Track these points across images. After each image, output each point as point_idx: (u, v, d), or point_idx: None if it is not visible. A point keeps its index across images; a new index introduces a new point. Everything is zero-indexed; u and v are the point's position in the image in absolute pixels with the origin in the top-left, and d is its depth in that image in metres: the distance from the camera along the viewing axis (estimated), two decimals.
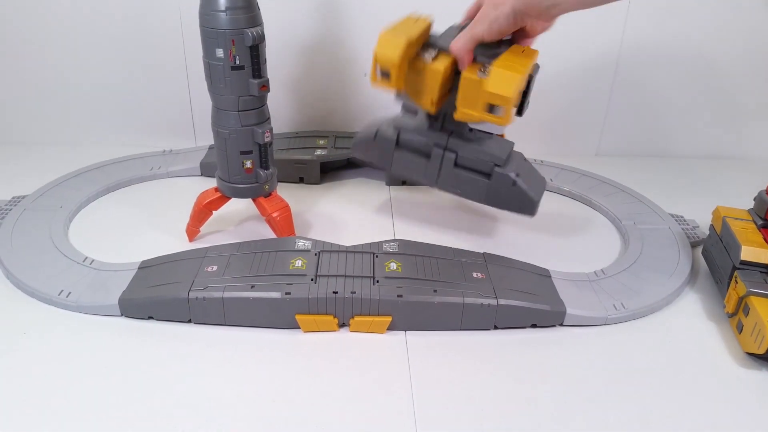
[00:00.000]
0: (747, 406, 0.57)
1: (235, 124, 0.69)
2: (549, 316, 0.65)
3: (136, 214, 0.83)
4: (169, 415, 0.53)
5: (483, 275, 0.67)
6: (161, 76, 0.98)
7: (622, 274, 0.72)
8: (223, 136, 0.70)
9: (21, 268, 0.69)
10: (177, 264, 0.68)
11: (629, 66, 0.99)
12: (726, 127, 1.06)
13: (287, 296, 0.62)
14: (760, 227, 0.70)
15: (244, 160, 0.71)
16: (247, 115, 0.69)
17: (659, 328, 0.66)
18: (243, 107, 0.68)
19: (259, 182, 0.73)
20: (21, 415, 0.53)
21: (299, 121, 0.99)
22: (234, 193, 0.74)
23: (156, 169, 0.93)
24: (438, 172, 0.70)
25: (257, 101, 0.69)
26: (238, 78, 0.66)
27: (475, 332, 0.65)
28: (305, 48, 0.96)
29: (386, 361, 0.61)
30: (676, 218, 0.85)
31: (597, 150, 1.07)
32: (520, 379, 0.59)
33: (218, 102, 0.69)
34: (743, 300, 0.63)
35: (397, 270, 0.66)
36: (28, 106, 1.00)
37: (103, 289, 0.66)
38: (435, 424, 0.54)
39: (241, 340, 0.62)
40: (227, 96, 0.68)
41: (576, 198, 0.91)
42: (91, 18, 0.93)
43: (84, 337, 0.62)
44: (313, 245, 0.69)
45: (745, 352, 0.62)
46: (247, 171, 0.72)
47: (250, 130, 0.69)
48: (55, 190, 0.85)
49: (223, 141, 0.70)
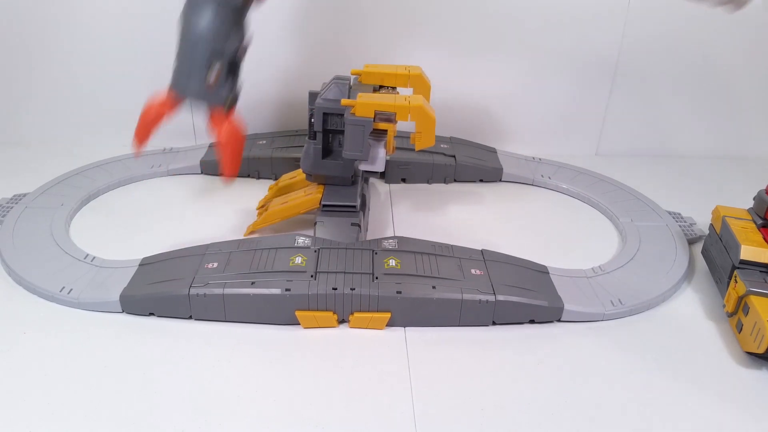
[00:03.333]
0: (747, 405, 0.57)
1: None
2: (547, 312, 0.65)
3: (137, 211, 0.84)
4: (170, 410, 0.54)
5: (481, 272, 0.68)
6: (162, 75, 0.98)
7: (620, 271, 0.73)
8: None
9: (22, 265, 0.69)
10: (178, 261, 0.68)
11: (629, 65, 1.00)
12: (726, 126, 1.06)
13: (287, 293, 0.63)
14: (759, 227, 0.70)
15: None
16: None
17: (657, 325, 0.67)
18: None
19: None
20: (22, 411, 0.53)
21: (299, 120, 0.99)
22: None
23: (156, 167, 0.93)
24: None
25: None
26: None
27: (473, 328, 0.65)
28: (306, 47, 0.96)
29: (385, 356, 0.61)
30: (673, 215, 0.85)
31: (597, 150, 1.07)
32: (518, 374, 0.59)
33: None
34: (743, 299, 0.63)
35: (396, 267, 0.67)
36: (29, 105, 1.00)
37: (105, 285, 0.66)
38: (434, 419, 0.54)
39: (242, 337, 0.63)
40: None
41: (573, 195, 0.91)
42: (91, 17, 0.93)
43: (85, 334, 0.62)
44: (313, 242, 0.70)
45: (745, 352, 0.62)
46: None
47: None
48: (56, 188, 0.85)
49: None
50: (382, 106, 0.68)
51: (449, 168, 0.94)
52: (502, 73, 0.99)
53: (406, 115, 0.69)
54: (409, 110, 0.68)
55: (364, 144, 0.68)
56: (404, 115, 0.69)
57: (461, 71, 0.99)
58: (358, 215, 0.74)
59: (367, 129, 0.68)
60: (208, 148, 0.98)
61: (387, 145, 0.70)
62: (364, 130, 0.67)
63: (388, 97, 0.70)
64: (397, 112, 0.68)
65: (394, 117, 0.69)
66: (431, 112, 0.69)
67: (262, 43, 0.96)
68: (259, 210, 0.81)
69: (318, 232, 0.72)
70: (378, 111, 0.67)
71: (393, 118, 0.69)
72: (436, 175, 0.94)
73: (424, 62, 0.82)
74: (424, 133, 0.70)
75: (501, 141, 1.01)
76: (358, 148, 0.68)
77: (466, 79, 1.00)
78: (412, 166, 0.93)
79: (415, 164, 0.93)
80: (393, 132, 0.70)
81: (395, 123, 0.69)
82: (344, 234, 0.72)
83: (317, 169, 0.75)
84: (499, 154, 0.99)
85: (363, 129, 0.67)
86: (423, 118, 0.69)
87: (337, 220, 0.73)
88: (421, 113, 0.68)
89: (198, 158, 0.94)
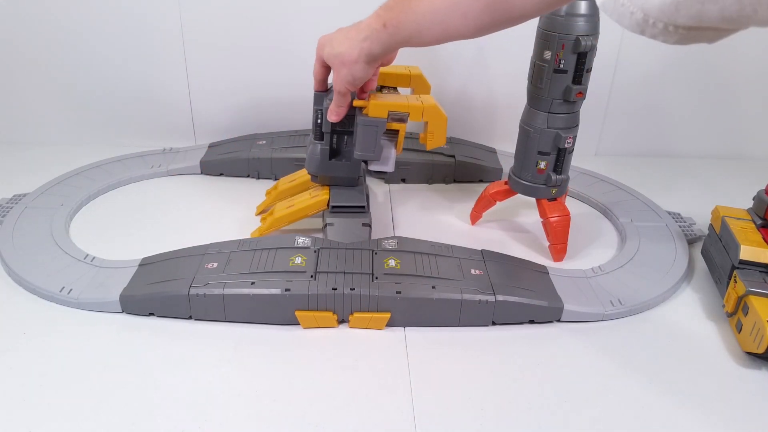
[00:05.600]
0: (746, 405, 0.57)
1: (542, 124, 0.70)
2: (546, 312, 0.65)
3: (137, 211, 0.84)
4: (170, 410, 0.54)
5: (481, 272, 0.68)
6: (161, 75, 0.98)
7: (620, 271, 0.73)
8: (527, 134, 0.72)
9: (23, 265, 0.69)
10: (178, 261, 0.68)
11: (629, 66, 1.00)
12: (725, 126, 1.06)
13: (287, 293, 0.63)
14: (759, 227, 0.70)
15: (540, 160, 0.72)
16: (556, 117, 0.70)
17: (657, 325, 0.67)
18: (554, 110, 0.70)
19: (547, 185, 0.73)
20: (22, 411, 0.53)
21: (299, 119, 0.99)
22: (520, 189, 0.76)
23: (156, 167, 0.93)
24: None
25: (570, 106, 0.70)
26: (558, 80, 0.68)
27: (473, 328, 0.65)
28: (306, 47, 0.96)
29: (385, 356, 0.61)
30: (673, 215, 0.85)
31: (596, 150, 1.07)
32: (517, 374, 0.59)
33: (532, 101, 0.71)
34: (742, 299, 0.63)
35: (396, 267, 0.67)
36: (29, 105, 1.00)
37: (104, 286, 0.66)
38: (433, 418, 0.54)
39: (241, 337, 0.63)
40: (543, 96, 0.69)
41: (573, 195, 0.91)
42: (91, 18, 0.93)
43: (85, 334, 0.62)
44: (313, 242, 0.70)
45: (745, 352, 0.63)
46: (539, 171, 0.73)
47: (554, 132, 0.70)
48: (56, 188, 0.85)
49: (525, 138, 0.72)
50: (395, 107, 0.67)
51: (449, 168, 0.94)
52: (502, 73, 0.99)
53: (420, 115, 0.68)
54: (423, 110, 0.68)
55: (377, 144, 0.68)
56: (417, 115, 0.68)
57: (461, 71, 0.99)
58: (368, 215, 0.73)
59: (380, 129, 0.67)
60: (208, 148, 0.98)
61: (397, 145, 0.70)
62: (378, 131, 0.67)
63: (401, 97, 0.70)
64: (411, 112, 0.68)
65: (407, 117, 0.69)
66: (444, 112, 0.69)
67: (263, 42, 0.96)
68: (260, 216, 0.81)
69: (330, 234, 0.72)
70: (391, 111, 0.67)
71: (406, 118, 0.69)
72: (436, 176, 0.94)
73: (425, 63, 0.82)
74: (436, 132, 0.69)
75: (501, 141, 1.01)
76: (371, 148, 0.68)
77: (466, 79, 1.00)
78: (412, 166, 0.93)
79: (415, 164, 0.93)
80: (403, 132, 0.70)
81: (406, 123, 0.69)
82: (356, 234, 0.72)
83: (324, 170, 0.74)
84: (499, 154, 0.99)
85: (377, 129, 0.67)
86: (436, 118, 0.69)
87: (347, 221, 0.73)
88: (435, 113, 0.68)
89: (198, 158, 0.94)
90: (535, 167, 0.73)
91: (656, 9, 0.34)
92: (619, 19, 0.36)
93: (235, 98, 1.00)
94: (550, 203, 0.75)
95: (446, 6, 0.52)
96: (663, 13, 0.34)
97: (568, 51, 0.67)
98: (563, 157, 0.72)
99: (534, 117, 0.71)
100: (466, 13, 0.51)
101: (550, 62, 0.68)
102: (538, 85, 0.70)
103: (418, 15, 0.54)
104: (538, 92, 0.70)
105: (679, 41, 0.35)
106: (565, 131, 0.71)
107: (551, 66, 0.68)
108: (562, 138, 0.70)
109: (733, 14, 0.31)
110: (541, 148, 0.72)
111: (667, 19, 0.34)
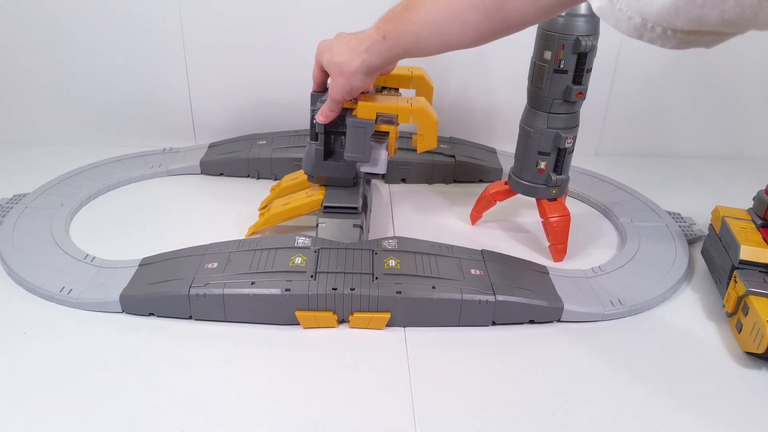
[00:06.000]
0: (746, 405, 0.57)
1: (542, 124, 0.71)
2: (546, 312, 0.65)
3: (137, 211, 0.84)
4: (170, 410, 0.54)
5: (481, 272, 0.68)
6: (161, 75, 0.98)
7: (620, 271, 0.73)
8: (528, 134, 0.72)
9: (23, 265, 0.69)
10: (178, 261, 0.68)
11: (629, 66, 1.00)
12: (725, 126, 1.06)
13: (287, 293, 0.63)
14: (759, 227, 0.70)
15: (540, 160, 0.72)
16: (556, 117, 0.70)
17: (657, 325, 0.67)
18: (554, 110, 0.70)
19: (547, 185, 0.74)
20: (22, 411, 0.53)
21: (299, 119, 0.99)
22: (520, 189, 0.76)
23: (156, 167, 0.93)
24: None
25: (570, 106, 0.70)
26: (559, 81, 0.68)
27: (473, 328, 0.65)
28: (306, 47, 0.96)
29: (385, 356, 0.61)
30: (673, 215, 0.85)
31: (596, 150, 1.07)
32: (517, 374, 0.59)
33: (532, 101, 0.71)
34: (742, 299, 0.63)
35: (396, 267, 0.67)
36: (29, 105, 1.00)
37: (104, 286, 0.66)
38: (433, 418, 0.54)
39: (242, 337, 0.63)
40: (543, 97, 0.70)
41: (573, 195, 0.91)
42: (91, 18, 0.93)
43: (85, 334, 0.62)
44: (313, 242, 0.70)
45: (745, 352, 0.63)
46: (539, 171, 0.73)
47: (554, 132, 0.70)
48: (56, 188, 0.85)
49: (526, 138, 0.73)
50: (383, 108, 0.68)
51: (449, 168, 0.94)
52: (502, 74, 0.99)
53: (408, 118, 0.68)
54: (411, 112, 0.68)
55: (366, 146, 0.68)
56: (406, 117, 0.68)
57: (462, 72, 0.99)
58: (360, 216, 0.74)
59: (368, 131, 0.67)
60: (208, 148, 0.98)
61: (389, 147, 0.70)
62: (366, 132, 0.67)
63: (390, 99, 0.70)
64: (399, 114, 0.68)
65: (395, 119, 0.69)
66: (433, 115, 0.69)
67: (263, 43, 0.96)
68: (260, 211, 0.81)
69: (320, 233, 0.72)
70: (380, 113, 0.67)
71: (395, 120, 0.69)
72: (436, 176, 0.94)
73: (424, 63, 0.82)
74: (426, 135, 0.69)
75: (501, 141, 1.01)
76: (360, 150, 0.68)
77: (466, 79, 1.00)
78: (412, 166, 0.93)
79: (415, 164, 0.93)
80: (395, 134, 0.70)
81: (397, 125, 0.69)
82: (346, 235, 0.72)
83: (319, 170, 0.75)
84: (499, 154, 0.99)
85: (365, 131, 0.67)
86: (425, 121, 0.69)
87: (338, 221, 0.73)
88: (423, 116, 0.68)
89: (198, 158, 0.94)
90: (536, 167, 0.73)
91: (655, 13, 0.34)
92: (617, 24, 0.36)
93: (235, 98, 1.00)
94: (550, 203, 0.75)
95: (445, 17, 0.52)
96: (662, 17, 0.33)
97: (568, 51, 0.67)
98: (563, 157, 0.72)
99: (534, 117, 0.71)
100: (465, 23, 0.51)
101: (551, 62, 0.68)
102: (538, 86, 0.70)
103: (416, 26, 0.54)
104: (538, 92, 0.70)
105: (677, 46, 0.35)
106: (565, 131, 0.71)
107: (551, 66, 0.68)
108: (562, 138, 0.70)
109: (734, 17, 0.31)
110: (541, 148, 0.72)
111: (665, 23, 0.34)
